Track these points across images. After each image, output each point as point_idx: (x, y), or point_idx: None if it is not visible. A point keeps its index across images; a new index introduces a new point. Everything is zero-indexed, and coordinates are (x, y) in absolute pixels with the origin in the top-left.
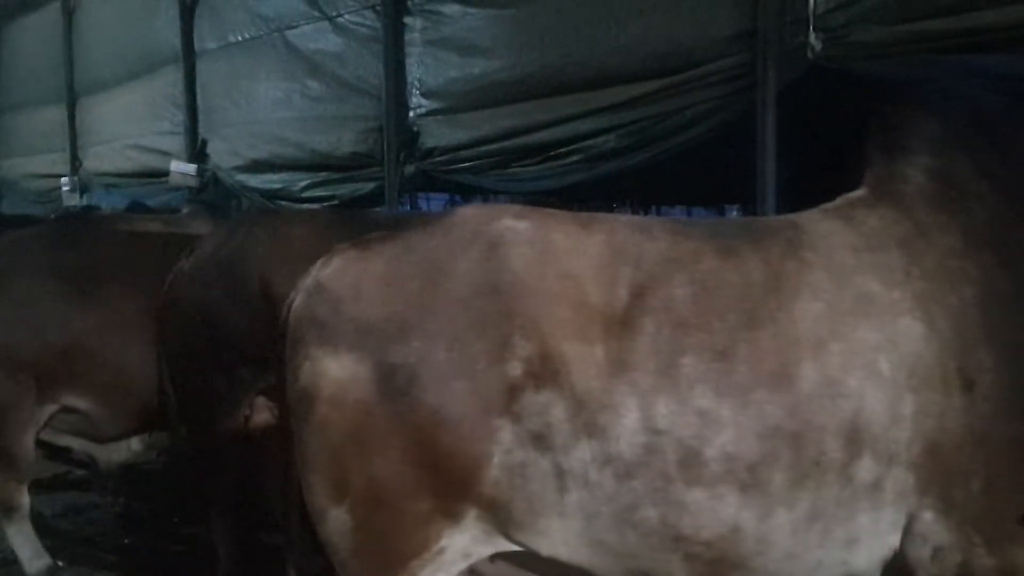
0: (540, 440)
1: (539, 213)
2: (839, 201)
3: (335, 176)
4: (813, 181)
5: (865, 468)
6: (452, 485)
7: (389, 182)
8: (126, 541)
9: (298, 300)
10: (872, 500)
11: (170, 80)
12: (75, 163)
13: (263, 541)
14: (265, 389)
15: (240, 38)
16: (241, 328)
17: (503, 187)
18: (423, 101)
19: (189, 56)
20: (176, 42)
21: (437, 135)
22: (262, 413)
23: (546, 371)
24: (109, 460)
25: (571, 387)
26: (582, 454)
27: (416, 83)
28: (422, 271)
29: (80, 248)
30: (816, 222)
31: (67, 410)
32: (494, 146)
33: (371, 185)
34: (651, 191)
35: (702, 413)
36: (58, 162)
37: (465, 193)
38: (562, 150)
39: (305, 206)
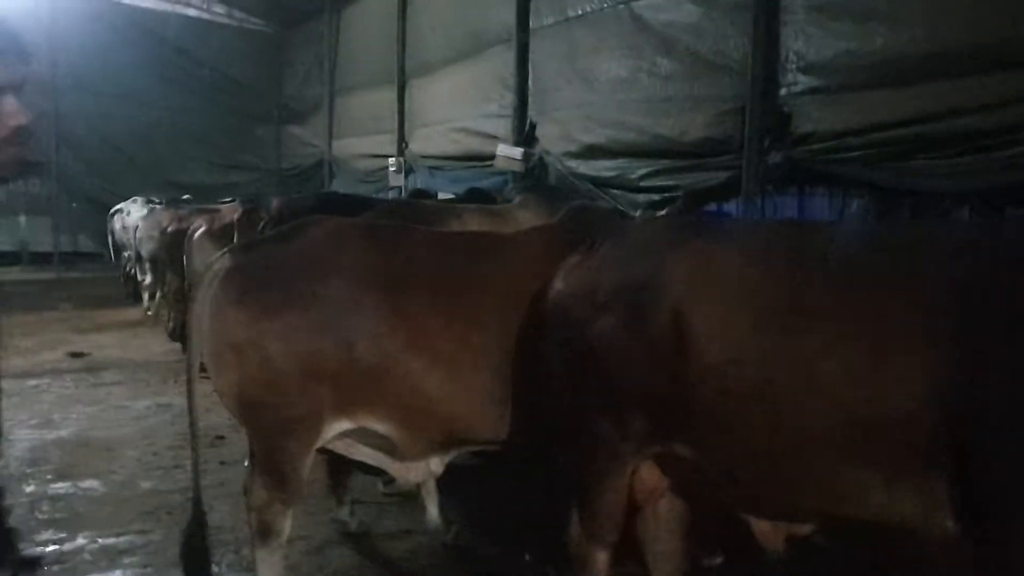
0: None
1: None
2: None
3: (680, 164)
4: None
5: None
6: None
7: (747, 172)
8: None
9: None
10: None
11: (500, 61)
12: (401, 145)
13: None
14: (662, 455)
15: (581, 12)
16: (640, 368)
17: (902, 184)
18: (800, 78)
19: (523, 34)
20: (510, 20)
21: (816, 118)
22: (650, 477)
23: None
24: (406, 479)
25: None
26: None
27: (792, 57)
28: None
29: (401, 249)
30: None
31: (361, 431)
32: (896, 132)
33: (724, 175)
34: None
35: None
36: (386, 143)
37: (845, 188)
38: (1000, 140)
39: (642, 196)
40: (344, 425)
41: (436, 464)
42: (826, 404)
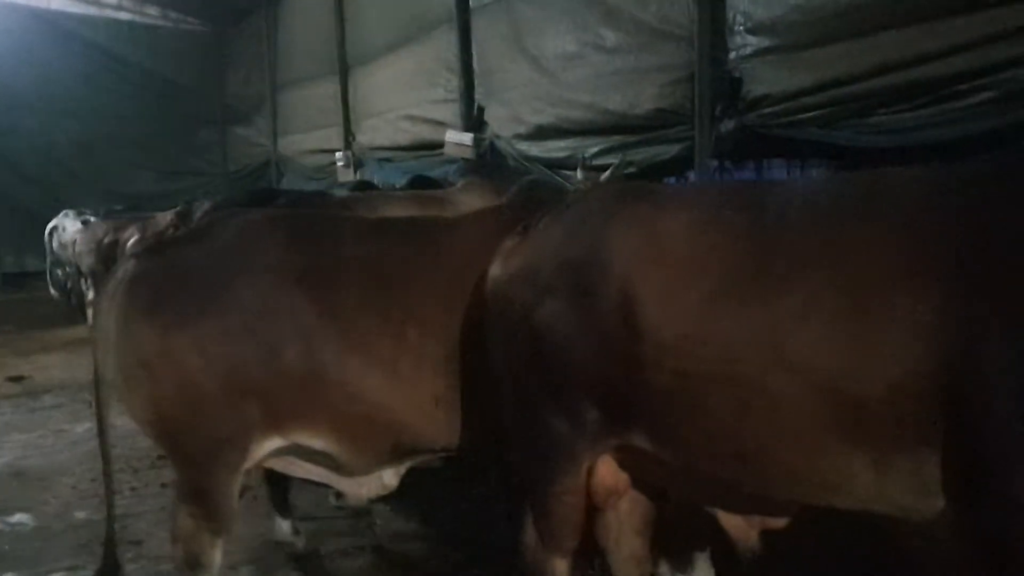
0: None
1: None
2: None
3: (632, 139)
4: None
5: None
6: None
7: (700, 142)
8: None
9: None
10: None
11: (443, 43)
12: (348, 138)
13: None
14: (620, 450)
15: None
16: (590, 354)
17: (865, 142)
18: (749, 39)
19: (464, 14)
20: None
21: (768, 80)
22: (608, 474)
23: None
24: (359, 495)
25: None
26: None
27: (739, 18)
28: None
29: (328, 241)
30: None
31: (297, 448)
32: (854, 88)
33: (676, 148)
34: None
35: None
36: (333, 137)
37: (804, 153)
38: (963, 87)
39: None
40: (275, 443)
41: (390, 476)
42: (801, 379)
